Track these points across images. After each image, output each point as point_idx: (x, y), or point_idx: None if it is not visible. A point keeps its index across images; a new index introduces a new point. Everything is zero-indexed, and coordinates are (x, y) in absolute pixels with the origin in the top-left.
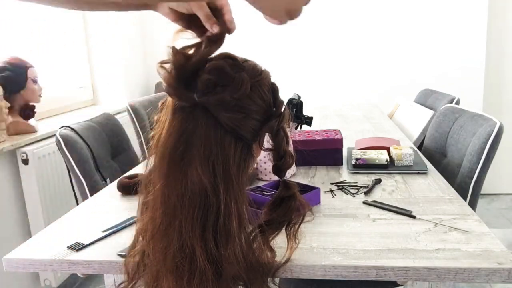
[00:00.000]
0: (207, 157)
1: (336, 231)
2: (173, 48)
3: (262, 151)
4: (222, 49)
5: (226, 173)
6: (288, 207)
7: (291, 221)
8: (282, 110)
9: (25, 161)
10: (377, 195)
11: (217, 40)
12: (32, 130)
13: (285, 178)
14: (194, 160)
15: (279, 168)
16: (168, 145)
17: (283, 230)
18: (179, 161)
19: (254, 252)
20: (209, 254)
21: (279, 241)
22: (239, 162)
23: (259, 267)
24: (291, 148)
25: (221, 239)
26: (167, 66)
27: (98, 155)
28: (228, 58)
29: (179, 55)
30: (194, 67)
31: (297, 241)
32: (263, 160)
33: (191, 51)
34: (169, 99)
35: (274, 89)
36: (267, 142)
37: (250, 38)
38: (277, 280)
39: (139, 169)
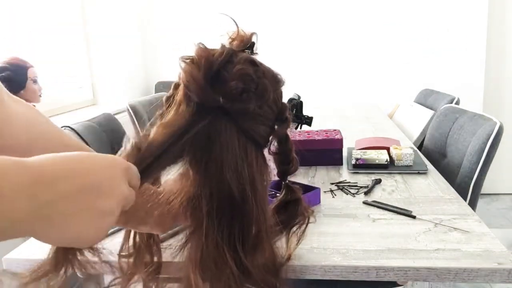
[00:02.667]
0: (234, 164)
1: (336, 231)
2: (201, 44)
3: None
4: None
5: (252, 180)
6: (296, 211)
7: (296, 224)
8: (287, 115)
9: None
10: (377, 195)
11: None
12: None
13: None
14: (220, 167)
15: (285, 172)
16: (191, 149)
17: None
18: (205, 167)
19: (278, 256)
20: (237, 260)
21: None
22: (260, 168)
23: (280, 270)
24: (294, 152)
25: (249, 247)
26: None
27: None
28: (252, 63)
29: (206, 51)
30: (219, 66)
31: (298, 241)
32: None
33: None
34: (179, 97)
35: (282, 94)
36: (273, 146)
37: None
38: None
39: None
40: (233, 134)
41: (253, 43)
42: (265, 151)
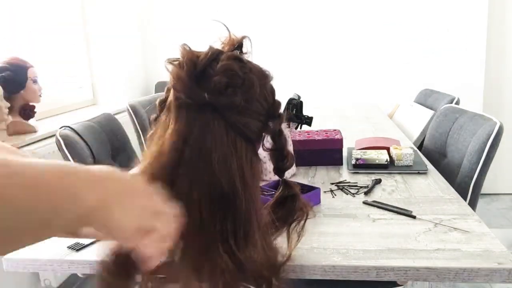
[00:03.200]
0: (223, 160)
1: (336, 231)
2: (184, 45)
3: (260, 151)
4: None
5: (241, 176)
6: (293, 206)
7: (295, 220)
8: (281, 111)
9: None
10: (377, 195)
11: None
12: (32, 130)
13: (284, 178)
14: (210, 163)
15: (281, 169)
16: (178, 146)
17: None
18: (194, 164)
19: (276, 251)
20: (231, 254)
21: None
22: (250, 164)
23: (277, 266)
24: (290, 148)
25: (241, 241)
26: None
27: (98, 155)
28: (237, 59)
29: (190, 52)
30: (204, 64)
31: (299, 238)
32: (263, 160)
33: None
34: (170, 98)
35: (273, 90)
36: (267, 142)
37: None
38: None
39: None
40: (221, 129)
41: (242, 44)
42: (260, 149)
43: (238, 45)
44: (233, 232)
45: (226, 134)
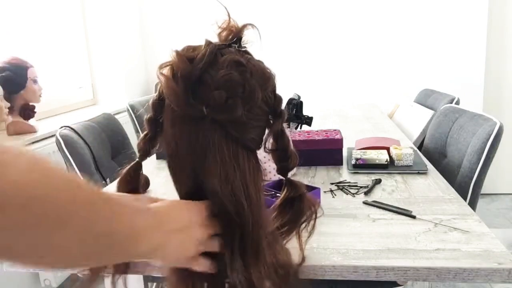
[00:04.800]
0: (224, 177)
1: (336, 231)
2: (177, 52)
3: (261, 152)
4: None
5: (245, 191)
6: (301, 207)
7: (305, 220)
8: (282, 108)
9: None
10: (377, 195)
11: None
12: (32, 130)
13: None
14: (212, 180)
15: (285, 169)
16: (179, 160)
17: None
18: (195, 180)
19: (289, 255)
20: (240, 274)
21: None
22: (254, 175)
23: (290, 275)
24: (291, 147)
25: (250, 260)
26: (168, 69)
27: (98, 155)
28: (238, 63)
29: (184, 61)
30: (201, 70)
31: (309, 237)
32: (263, 161)
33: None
34: (166, 105)
35: (274, 89)
36: (268, 143)
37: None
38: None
39: None
40: (221, 141)
41: (240, 37)
42: (261, 150)
43: (237, 38)
44: (240, 252)
45: (227, 146)
